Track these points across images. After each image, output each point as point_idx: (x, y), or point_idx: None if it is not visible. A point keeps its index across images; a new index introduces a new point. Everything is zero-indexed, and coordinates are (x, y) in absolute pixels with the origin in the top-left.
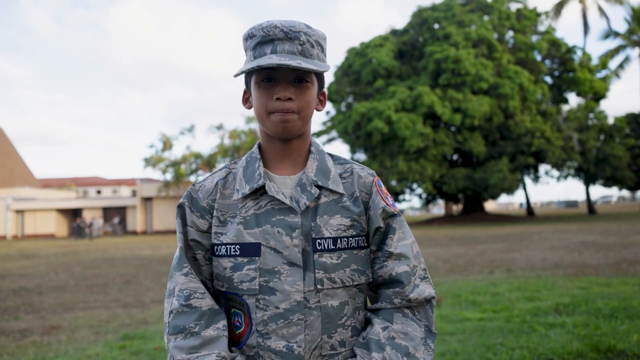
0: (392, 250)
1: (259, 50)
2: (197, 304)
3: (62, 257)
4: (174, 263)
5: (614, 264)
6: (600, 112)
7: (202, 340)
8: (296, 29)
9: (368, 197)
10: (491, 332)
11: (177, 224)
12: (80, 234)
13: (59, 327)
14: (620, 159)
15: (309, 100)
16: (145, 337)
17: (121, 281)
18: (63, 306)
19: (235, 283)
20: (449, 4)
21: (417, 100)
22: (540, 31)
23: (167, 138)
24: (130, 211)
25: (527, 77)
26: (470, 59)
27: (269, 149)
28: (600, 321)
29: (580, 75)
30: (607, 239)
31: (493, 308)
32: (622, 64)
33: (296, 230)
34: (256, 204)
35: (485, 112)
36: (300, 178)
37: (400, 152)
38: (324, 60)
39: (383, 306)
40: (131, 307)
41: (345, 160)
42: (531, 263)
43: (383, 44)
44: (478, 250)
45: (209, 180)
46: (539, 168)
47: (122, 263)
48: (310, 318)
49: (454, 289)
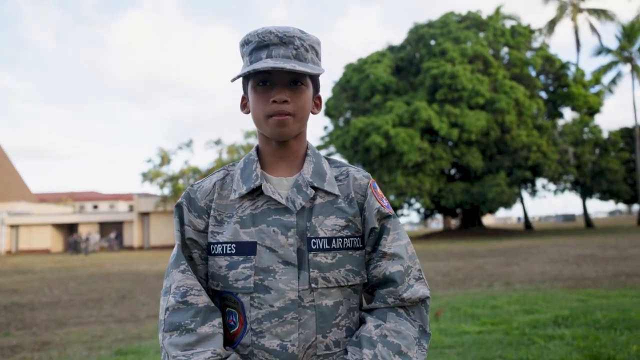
0: (386, 250)
1: (254, 55)
2: (193, 300)
3: (57, 272)
4: (171, 261)
5: (612, 277)
6: (595, 127)
7: (197, 337)
8: (290, 34)
9: (363, 199)
10: (490, 344)
11: (174, 223)
12: (76, 249)
13: (50, 343)
14: (616, 172)
15: (304, 103)
16: (139, 352)
17: (116, 296)
18: (56, 322)
19: (230, 281)
20: (445, 21)
21: (414, 115)
22: (534, 47)
23: (165, 153)
24: (127, 226)
25: (523, 92)
26: (466, 74)
27: (266, 151)
28: (600, 333)
29: (575, 90)
30: (605, 252)
31: (492, 321)
32: (615, 80)
33: (291, 229)
34: (253, 204)
35: (482, 127)
36: (297, 179)
37: (398, 166)
38: (318, 64)
39: (377, 306)
40: (126, 322)
41: (341, 163)
42: (530, 276)
43: (380, 60)
44: (477, 264)
45: (207, 181)
46: (536, 182)
47: (118, 278)
48: (304, 317)
49: (453, 302)
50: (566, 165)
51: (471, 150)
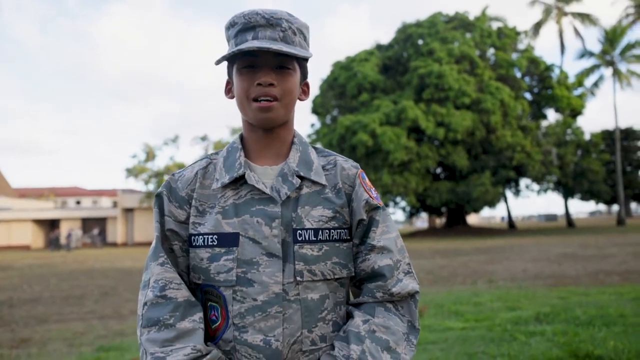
0: (375, 243)
1: (240, 37)
2: (172, 294)
3: (38, 268)
4: (150, 253)
5: (592, 275)
6: (577, 128)
7: (176, 332)
8: (278, 15)
9: (351, 189)
10: (473, 340)
11: (154, 213)
12: (57, 246)
13: (29, 340)
14: (597, 173)
15: (291, 87)
16: (121, 348)
17: (99, 293)
18: (35, 319)
19: (212, 274)
20: (433, 21)
21: (401, 114)
22: (520, 49)
23: (151, 148)
24: (110, 222)
25: (508, 93)
26: (453, 74)
27: (251, 138)
28: (579, 329)
29: (558, 92)
30: (585, 251)
31: (475, 317)
32: (597, 83)
33: (276, 220)
34: (236, 193)
35: (467, 127)
36: (282, 168)
37: (384, 165)
38: (306, 49)
39: (365, 300)
40: (108, 318)
41: (329, 152)
42: (512, 274)
43: (368, 58)
44: (461, 262)
45: (189, 170)
46: (520, 182)
47: (100, 275)
48: (289, 311)
49: (437, 299)
50: (549, 166)
51: (457, 149)
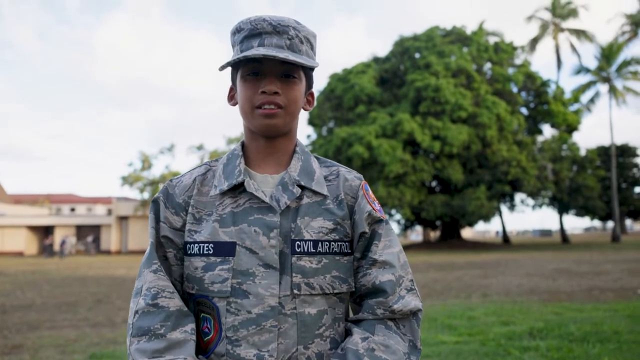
0: (377, 257)
1: (245, 43)
2: (164, 303)
3: (31, 275)
4: (144, 260)
5: (586, 291)
6: (573, 144)
7: (167, 343)
8: (285, 23)
9: (354, 201)
10: (467, 355)
11: (149, 219)
12: (51, 252)
13: (21, 347)
14: (592, 189)
15: (296, 96)
16: (114, 356)
17: (92, 300)
18: (28, 325)
19: (206, 284)
20: (430, 35)
21: (397, 126)
22: (517, 64)
23: (147, 157)
24: (105, 230)
25: (504, 108)
26: (449, 88)
27: (253, 146)
28: (573, 345)
29: (554, 107)
30: (580, 267)
31: (469, 332)
32: (593, 99)
33: (274, 230)
34: (234, 201)
35: (463, 141)
36: (283, 177)
37: (379, 177)
38: (313, 58)
39: (365, 317)
40: (101, 326)
41: (332, 162)
42: (507, 288)
43: (365, 70)
44: (455, 275)
45: (187, 176)
46: (515, 196)
47: (94, 282)
48: (284, 325)
49: (431, 312)
50: (544, 181)
51: (452, 163)
